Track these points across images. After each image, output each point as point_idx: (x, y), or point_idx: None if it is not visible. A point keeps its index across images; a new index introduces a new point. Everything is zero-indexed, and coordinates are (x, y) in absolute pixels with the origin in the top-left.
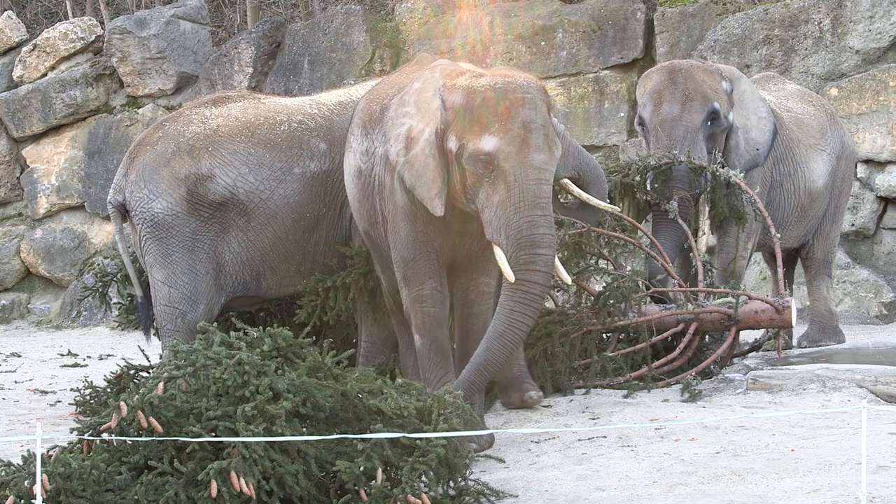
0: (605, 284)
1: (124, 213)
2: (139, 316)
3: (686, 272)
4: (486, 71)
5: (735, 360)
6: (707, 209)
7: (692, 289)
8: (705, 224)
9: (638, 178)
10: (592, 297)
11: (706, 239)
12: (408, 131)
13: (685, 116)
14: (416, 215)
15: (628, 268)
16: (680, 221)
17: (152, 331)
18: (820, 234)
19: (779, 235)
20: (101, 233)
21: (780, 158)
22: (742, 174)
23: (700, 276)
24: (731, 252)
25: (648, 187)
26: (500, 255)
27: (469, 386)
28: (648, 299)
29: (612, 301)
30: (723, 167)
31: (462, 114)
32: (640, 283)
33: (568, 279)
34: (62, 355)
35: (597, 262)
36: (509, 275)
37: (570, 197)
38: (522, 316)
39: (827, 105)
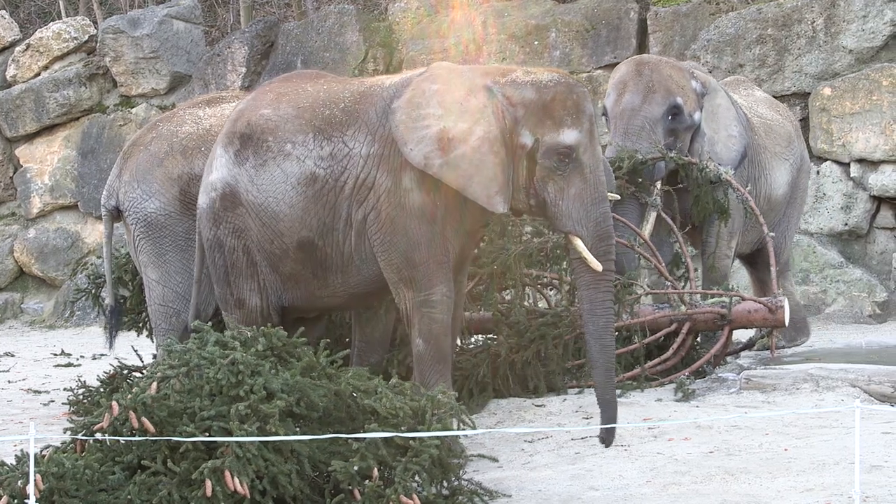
0: None
1: (117, 215)
2: (108, 324)
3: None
4: (527, 68)
5: (728, 359)
6: (658, 198)
7: (687, 290)
8: (651, 214)
9: (631, 172)
10: None
11: (649, 227)
12: (441, 133)
13: (645, 108)
14: (434, 217)
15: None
16: (663, 215)
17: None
18: (782, 240)
19: (773, 234)
20: (95, 232)
21: (748, 161)
22: (732, 172)
23: (690, 275)
24: (715, 251)
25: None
26: (581, 245)
27: (612, 385)
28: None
29: None
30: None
31: (535, 108)
32: (633, 284)
33: (599, 267)
34: (55, 355)
35: None
36: (596, 265)
37: None
38: (611, 304)
39: (791, 116)
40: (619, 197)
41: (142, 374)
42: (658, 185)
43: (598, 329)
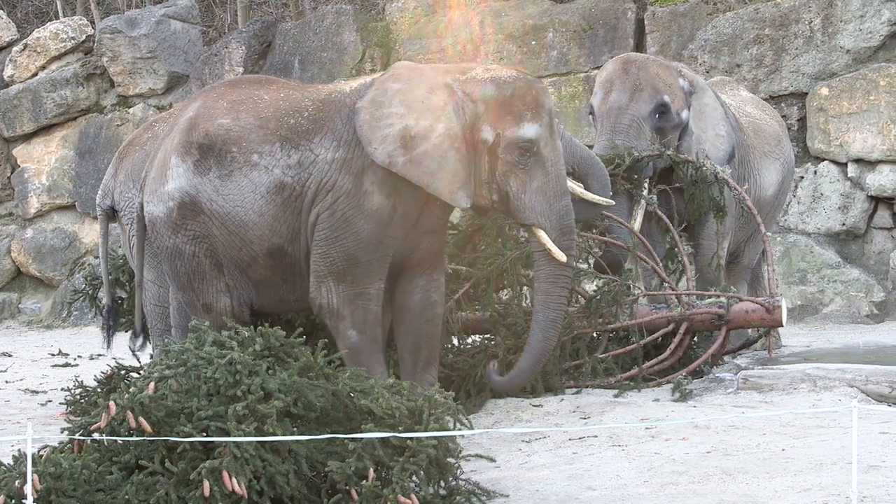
0: (596, 287)
1: (112, 215)
2: (105, 325)
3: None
4: (485, 66)
5: (725, 358)
6: (642, 201)
7: (684, 291)
8: (639, 212)
9: (629, 169)
10: (583, 298)
11: (637, 222)
12: (403, 131)
13: (632, 106)
14: (390, 218)
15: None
16: (660, 214)
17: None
18: (751, 242)
19: (769, 234)
20: (92, 232)
21: (737, 162)
22: (729, 170)
23: (688, 275)
24: (708, 253)
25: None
26: (545, 237)
27: (530, 376)
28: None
29: (603, 305)
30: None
31: (496, 104)
32: (631, 286)
33: (564, 258)
34: (53, 355)
35: (587, 262)
36: (561, 256)
37: None
38: (565, 299)
39: (778, 116)
40: (613, 203)
41: (139, 374)
42: (646, 182)
43: (547, 321)
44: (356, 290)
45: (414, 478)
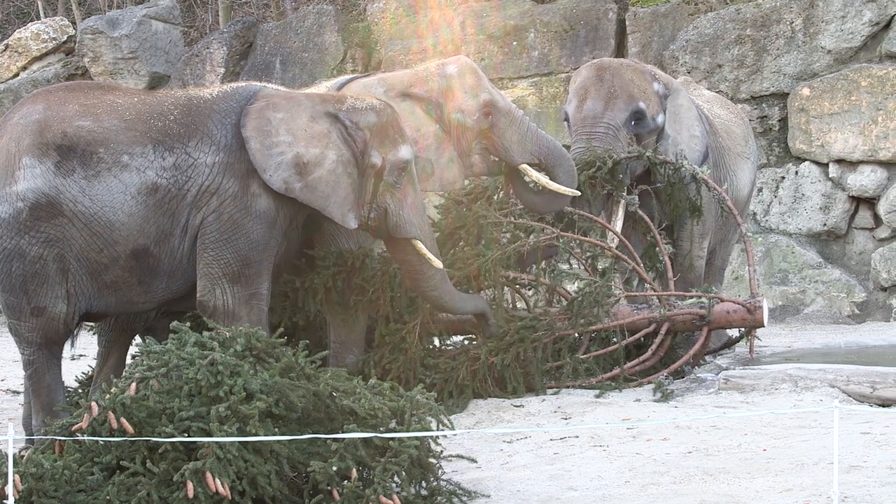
0: (577, 288)
1: None
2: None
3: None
4: (351, 96)
5: (707, 358)
6: (623, 202)
7: (666, 293)
8: (620, 213)
9: (610, 172)
10: (564, 300)
11: (619, 223)
12: (296, 158)
13: (608, 114)
14: (275, 222)
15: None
16: (640, 213)
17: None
18: (723, 243)
19: (750, 234)
20: None
21: (712, 165)
22: (708, 171)
23: (669, 275)
24: (689, 252)
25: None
26: (424, 248)
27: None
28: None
29: (585, 307)
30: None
31: (378, 131)
32: (612, 287)
33: (440, 265)
34: None
35: (569, 262)
36: (438, 263)
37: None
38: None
39: (742, 113)
40: (579, 193)
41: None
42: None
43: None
44: (250, 291)
45: (395, 478)
